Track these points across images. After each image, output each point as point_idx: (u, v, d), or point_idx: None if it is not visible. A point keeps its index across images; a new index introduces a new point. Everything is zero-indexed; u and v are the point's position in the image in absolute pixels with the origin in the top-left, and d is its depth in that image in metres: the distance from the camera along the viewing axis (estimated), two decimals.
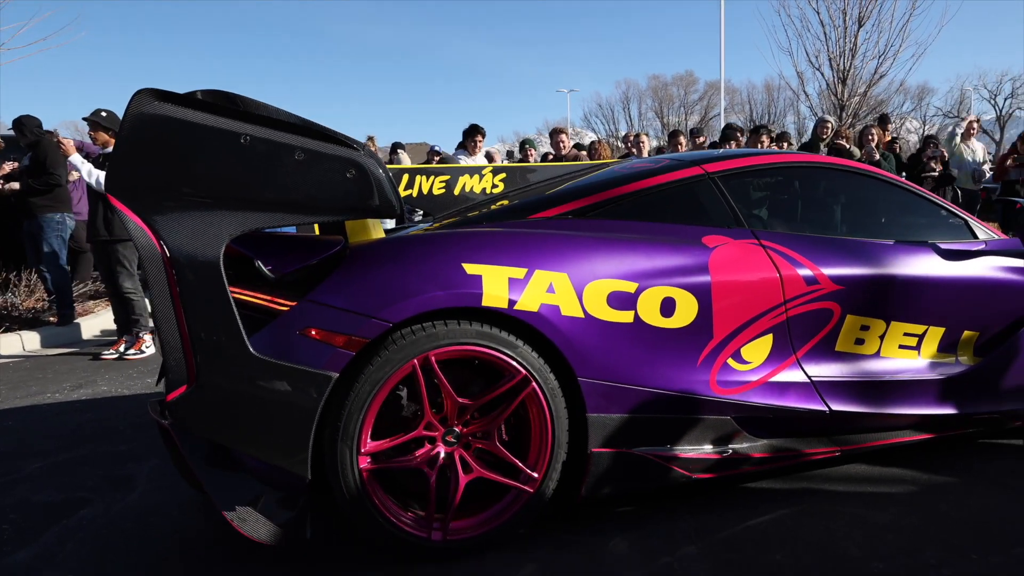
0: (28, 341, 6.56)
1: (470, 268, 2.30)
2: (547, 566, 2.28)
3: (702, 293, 2.59)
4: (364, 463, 2.22)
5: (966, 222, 3.28)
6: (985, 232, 3.28)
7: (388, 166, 2.42)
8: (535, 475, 2.39)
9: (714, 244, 2.72)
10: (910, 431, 3.02)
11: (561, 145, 8.06)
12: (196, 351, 2.05)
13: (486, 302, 2.29)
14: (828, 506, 2.68)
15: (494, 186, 3.39)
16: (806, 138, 9.11)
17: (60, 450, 3.64)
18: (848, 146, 7.99)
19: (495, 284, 2.30)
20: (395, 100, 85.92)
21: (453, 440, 2.35)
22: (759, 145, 7.88)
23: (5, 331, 6.62)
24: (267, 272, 2.32)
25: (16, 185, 6.64)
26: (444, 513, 2.32)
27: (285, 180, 2.08)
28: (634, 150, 8.24)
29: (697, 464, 2.61)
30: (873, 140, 8.01)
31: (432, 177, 3.29)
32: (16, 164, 7.23)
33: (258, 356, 2.09)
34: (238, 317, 2.06)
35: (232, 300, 2.06)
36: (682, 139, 8.35)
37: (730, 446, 2.67)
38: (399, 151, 9.44)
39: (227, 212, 2.04)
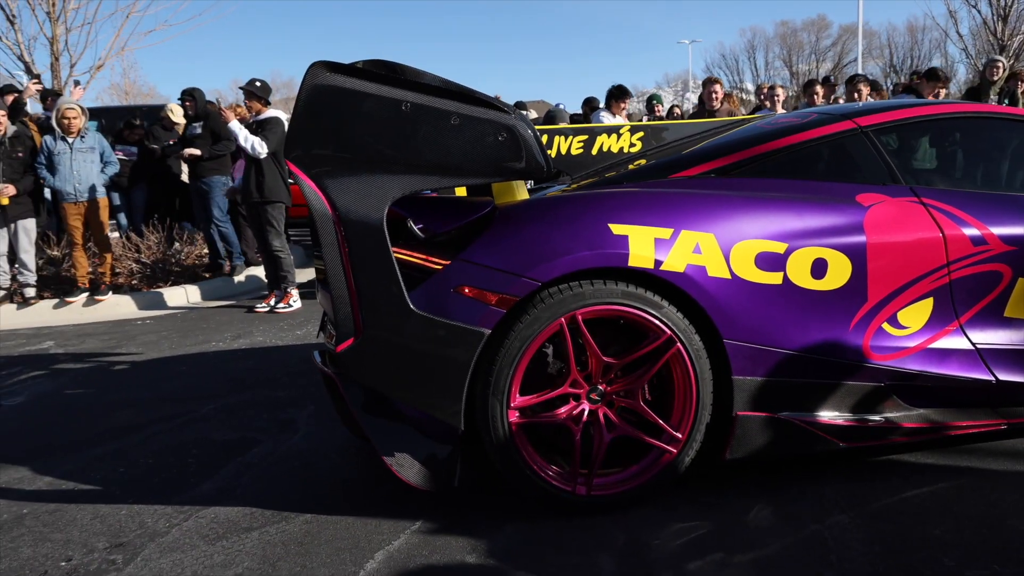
0: (191, 294, 7.18)
1: (616, 228, 2.32)
2: (692, 528, 2.30)
3: (856, 254, 2.49)
4: (513, 417, 2.31)
5: None
6: None
7: None
8: (679, 435, 2.41)
9: (869, 203, 2.59)
10: None
11: (714, 96, 7.36)
12: (363, 306, 2.20)
13: (632, 262, 2.30)
14: (992, 482, 2.53)
15: (632, 145, 3.36)
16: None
17: (229, 394, 3.99)
18: (1020, 91, 7.12)
19: (641, 244, 2.31)
20: (512, 59, 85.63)
21: (597, 398, 2.40)
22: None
23: (172, 284, 7.27)
24: (419, 232, 2.43)
25: (197, 152, 7.23)
26: (588, 469, 2.38)
27: (442, 144, 2.16)
28: (767, 103, 7.77)
29: (846, 432, 2.53)
30: None
31: (571, 137, 3.30)
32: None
33: (418, 312, 2.21)
34: (400, 275, 2.19)
35: (394, 259, 2.18)
36: (819, 89, 7.62)
37: (882, 415, 2.57)
38: (524, 111, 9.43)
39: (389, 176, 2.15)
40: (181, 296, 7.10)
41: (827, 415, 2.53)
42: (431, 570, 2.13)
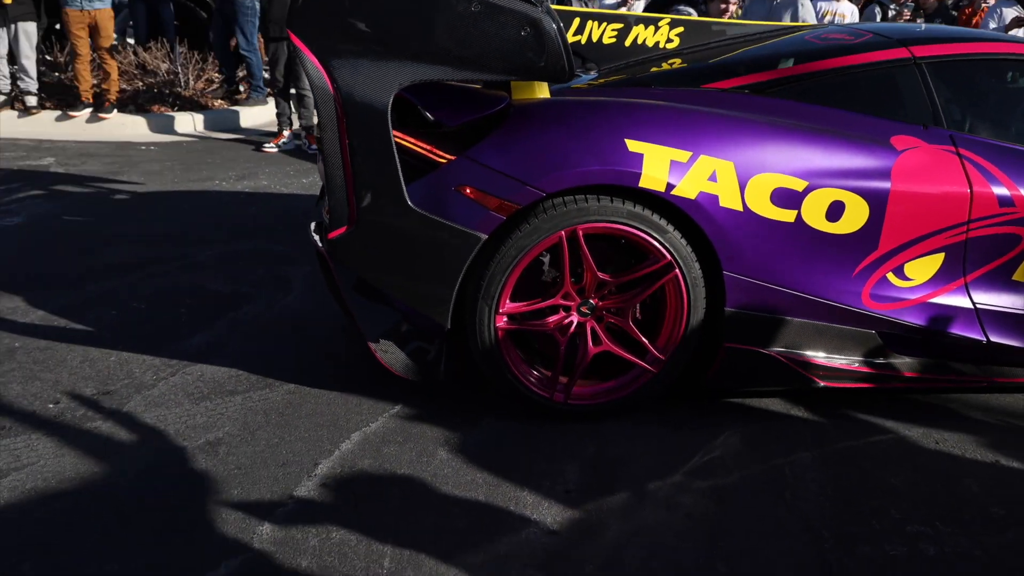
0: (198, 122, 7.01)
1: (633, 145, 2.21)
2: (659, 447, 2.36)
3: (877, 201, 2.40)
4: (500, 322, 2.31)
5: None
6: None
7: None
8: (662, 358, 2.42)
9: (903, 147, 2.46)
10: None
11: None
12: (358, 195, 2.14)
13: (643, 183, 2.22)
14: (961, 438, 2.57)
15: (669, 40, 3.15)
16: None
17: (227, 240, 3.98)
18: None
19: (655, 166, 2.22)
20: None
21: (587, 311, 2.40)
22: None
23: (179, 109, 7.09)
24: (428, 118, 2.32)
25: None
26: (568, 378, 2.42)
27: (460, 32, 2.02)
28: None
29: (828, 373, 2.55)
30: None
31: (604, 24, 3.08)
32: None
33: (414, 208, 2.15)
34: (400, 168, 2.11)
35: (396, 152, 2.10)
36: None
37: (867, 360, 2.58)
38: None
39: (399, 61, 2.03)
40: (188, 123, 6.94)
41: (812, 354, 2.54)
42: (402, 458, 2.20)
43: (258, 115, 7.49)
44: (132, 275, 3.43)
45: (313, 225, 2.73)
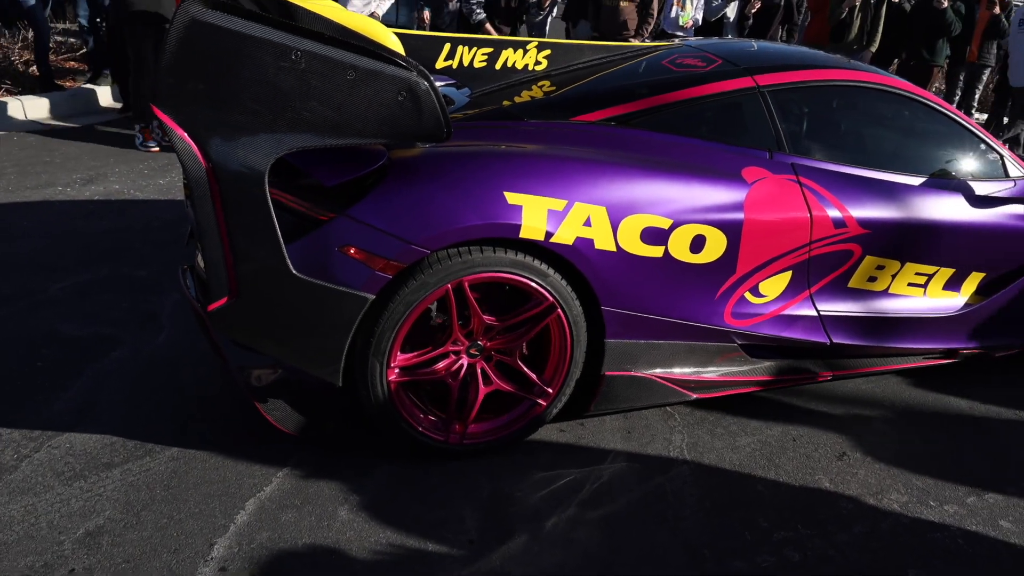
0: (30, 108, 6.38)
1: (511, 198, 2.27)
2: (551, 477, 2.48)
3: (733, 231, 2.60)
4: (392, 375, 2.33)
5: (1001, 158, 3.23)
6: (1018, 169, 3.24)
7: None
8: (549, 391, 2.54)
9: (753, 179, 2.68)
10: (899, 359, 3.19)
11: None
12: (238, 267, 2.07)
13: (523, 234, 2.28)
14: (813, 433, 2.87)
15: (537, 63, 3.20)
16: None
17: (81, 267, 3.71)
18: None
19: (534, 216, 2.29)
20: None
21: (476, 352, 2.46)
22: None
23: (5, 93, 6.39)
24: (307, 181, 2.27)
25: None
26: (462, 419, 2.48)
27: (334, 99, 1.97)
28: None
29: (700, 385, 2.78)
30: None
31: (474, 49, 3.08)
32: None
33: (298, 275, 2.11)
34: (281, 237, 2.06)
35: (275, 219, 2.04)
36: None
37: (732, 368, 2.83)
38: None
39: (274, 131, 1.96)
40: (17, 109, 6.29)
41: (685, 371, 2.75)
42: (302, 524, 2.18)
43: (96, 99, 6.91)
44: None
45: (181, 272, 2.62)
